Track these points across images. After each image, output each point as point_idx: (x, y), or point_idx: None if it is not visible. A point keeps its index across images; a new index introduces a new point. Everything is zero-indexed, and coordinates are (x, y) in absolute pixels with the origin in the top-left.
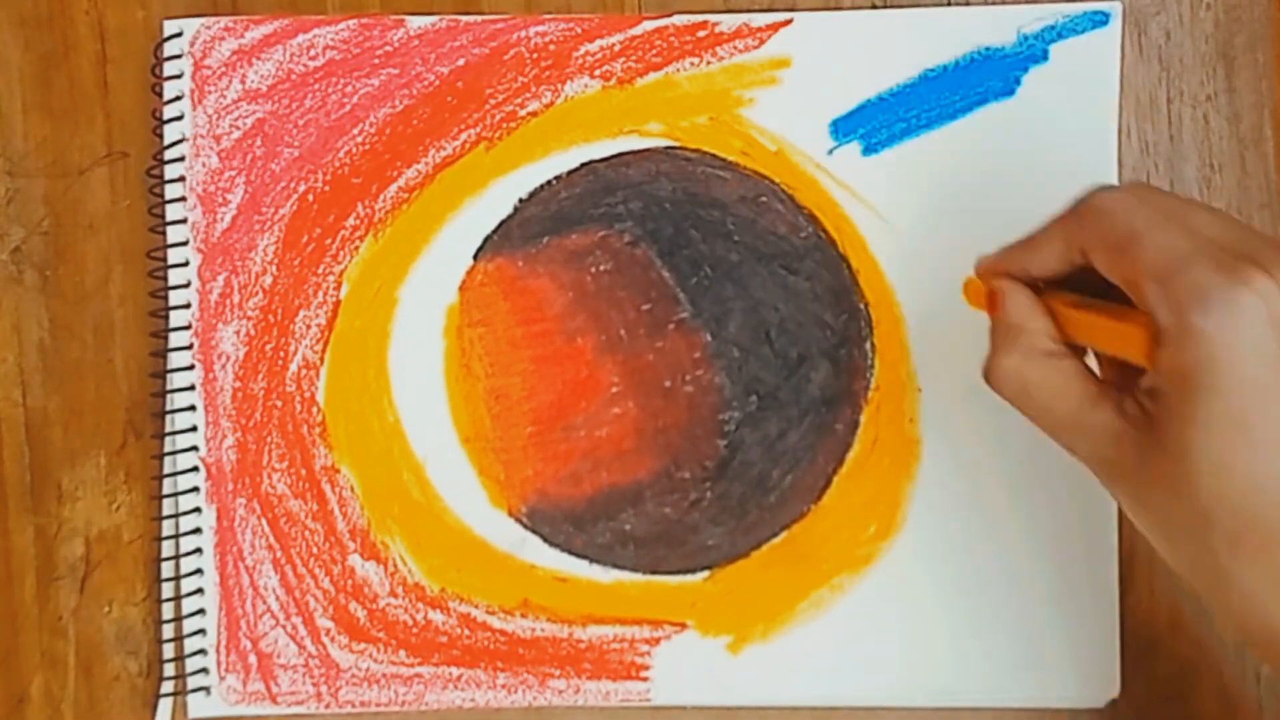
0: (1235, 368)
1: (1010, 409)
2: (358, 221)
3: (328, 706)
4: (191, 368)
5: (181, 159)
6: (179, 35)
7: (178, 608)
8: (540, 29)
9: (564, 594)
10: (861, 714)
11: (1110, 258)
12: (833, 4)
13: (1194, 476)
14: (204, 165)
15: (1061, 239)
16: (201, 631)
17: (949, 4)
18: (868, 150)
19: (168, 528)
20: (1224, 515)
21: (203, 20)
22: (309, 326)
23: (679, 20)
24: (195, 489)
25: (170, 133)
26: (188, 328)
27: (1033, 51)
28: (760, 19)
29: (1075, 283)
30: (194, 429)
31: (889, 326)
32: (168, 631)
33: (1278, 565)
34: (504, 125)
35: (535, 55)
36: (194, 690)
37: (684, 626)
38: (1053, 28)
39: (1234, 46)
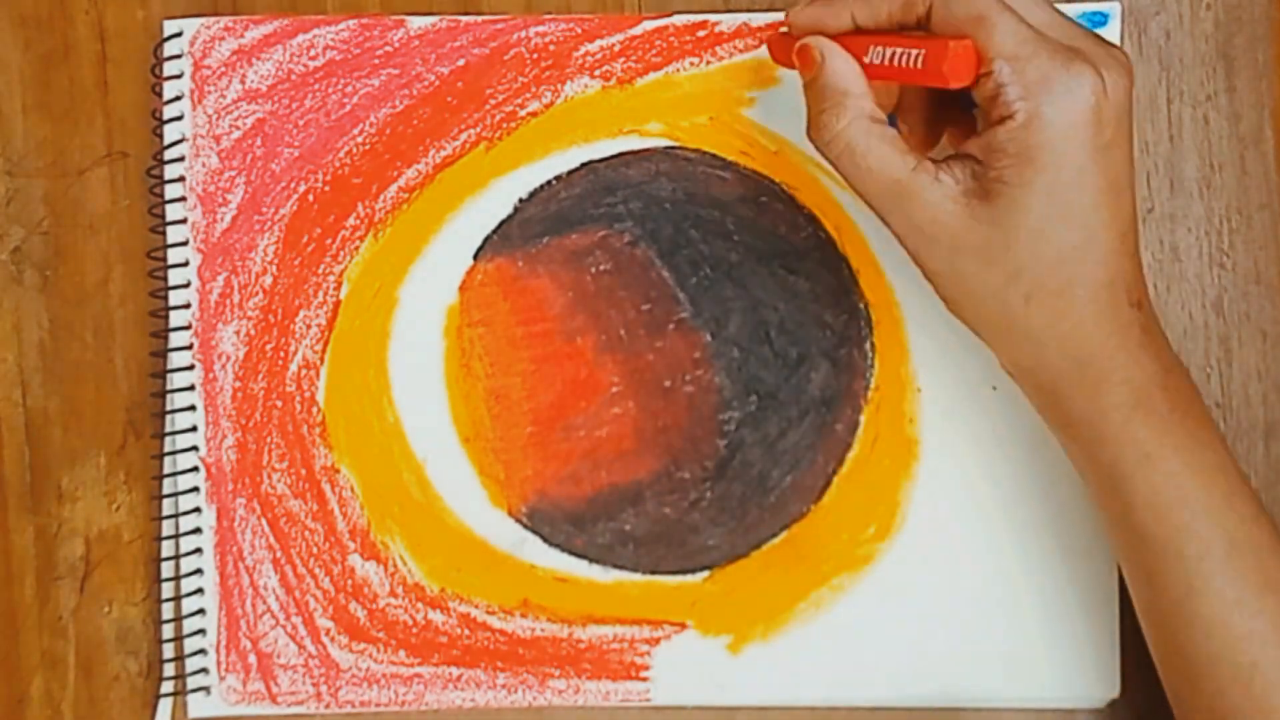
0: (1064, 149)
1: (1011, 410)
2: (358, 221)
3: (328, 706)
4: (191, 368)
5: (181, 159)
6: (179, 35)
7: (177, 608)
8: (540, 29)
9: (564, 594)
10: (861, 714)
11: (958, 27)
12: None
13: (1013, 242)
14: (204, 165)
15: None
16: (201, 631)
17: None
18: None
19: (168, 528)
20: (1029, 275)
21: (203, 20)
22: (309, 326)
23: (679, 20)
24: (195, 489)
25: (170, 133)
26: (188, 328)
27: None
28: (760, 19)
29: None
30: (194, 429)
31: (889, 326)
32: (168, 631)
33: (1059, 311)
34: (504, 125)
35: (535, 55)
36: (194, 690)
37: (684, 626)
38: None
39: (1234, 46)
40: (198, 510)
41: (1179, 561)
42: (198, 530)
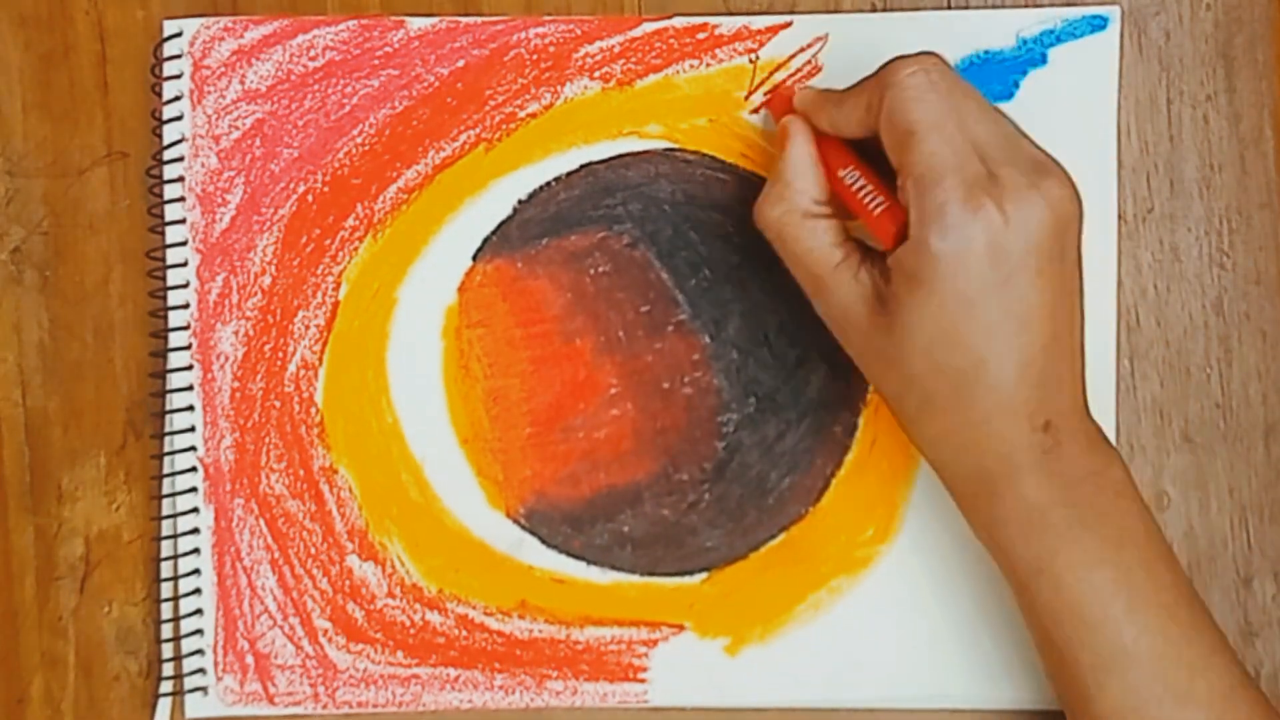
0: (952, 282)
1: None
2: (357, 222)
3: (325, 707)
4: (190, 368)
5: (181, 159)
6: (179, 35)
7: (176, 608)
8: (540, 30)
9: (562, 595)
10: (859, 716)
11: (891, 138)
12: (832, 6)
13: (904, 355)
14: (203, 165)
15: (864, 105)
16: (199, 632)
17: (948, 7)
18: None
19: (166, 528)
20: (919, 388)
21: (202, 20)
22: (308, 327)
23: (679, 22)
24: (193, 489)
25: (170, 133)
26: (186, 328)
27: (1032, 55)
28: (760, 21)
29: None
30: (192, 429)
31: None
32: (166, 631)
33: (950, 427)
34: (503, 126)
35: (535, 57)
36: (192, 690)
37: (682, 628)
38: (1052, 31)
39: (1234, 46)
40: (196, 510)
41: (1074, 668)
42: (196, 530)
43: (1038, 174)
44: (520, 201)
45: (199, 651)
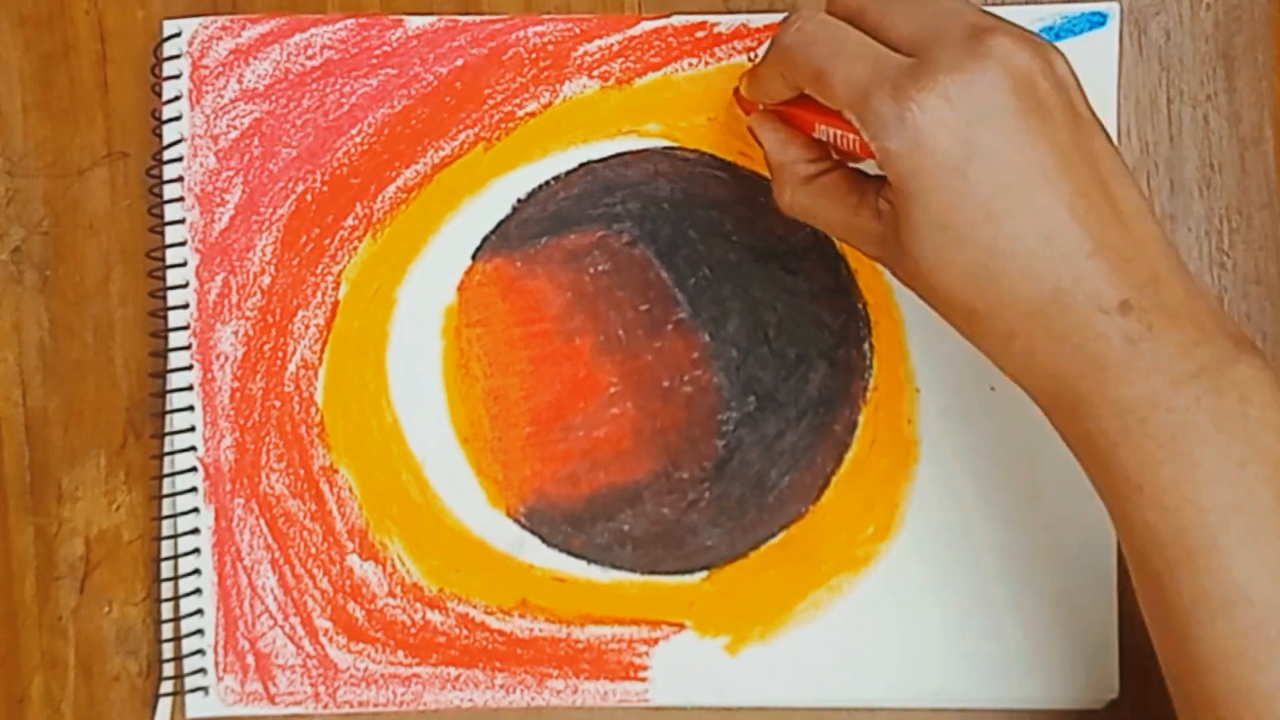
0: (926, 176)
1: (1009, 410)
2: (356, 222)
3: (325, 707)
4: (190, 368)
5: (180, 159)
6: (178, 35)
7: (176, 608)
8: (539, 29)
9: (562, 594)
10: (859, 715)
11: (812, 90)
12: None
13: (924, 270)
14: (202, 165)
15: (776, 73)
16: (200, 632)
17: None
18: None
19: (166, 528)
20: (954, 300)
21: (200, 20)
22: (307, 327)
23: (677, 21)
24: (194, 489)
25: (169, 133)
26: (186, 328)
27: None
28: (759, 20)
29: None
30: (192, 429)
31: (887, 327)
32: (167, 631)
33: (1002, 332)
34: (502, 125)
35: (534, 55)
36: (192, 690)
37: (682, 627)
38: (1050, 28)
39: (1234, 46)
40: (196, 510)
41: (1174, 602)
42: (196, 530)
43: (973, 40)
44: (519, 200)
45: (199, 651)
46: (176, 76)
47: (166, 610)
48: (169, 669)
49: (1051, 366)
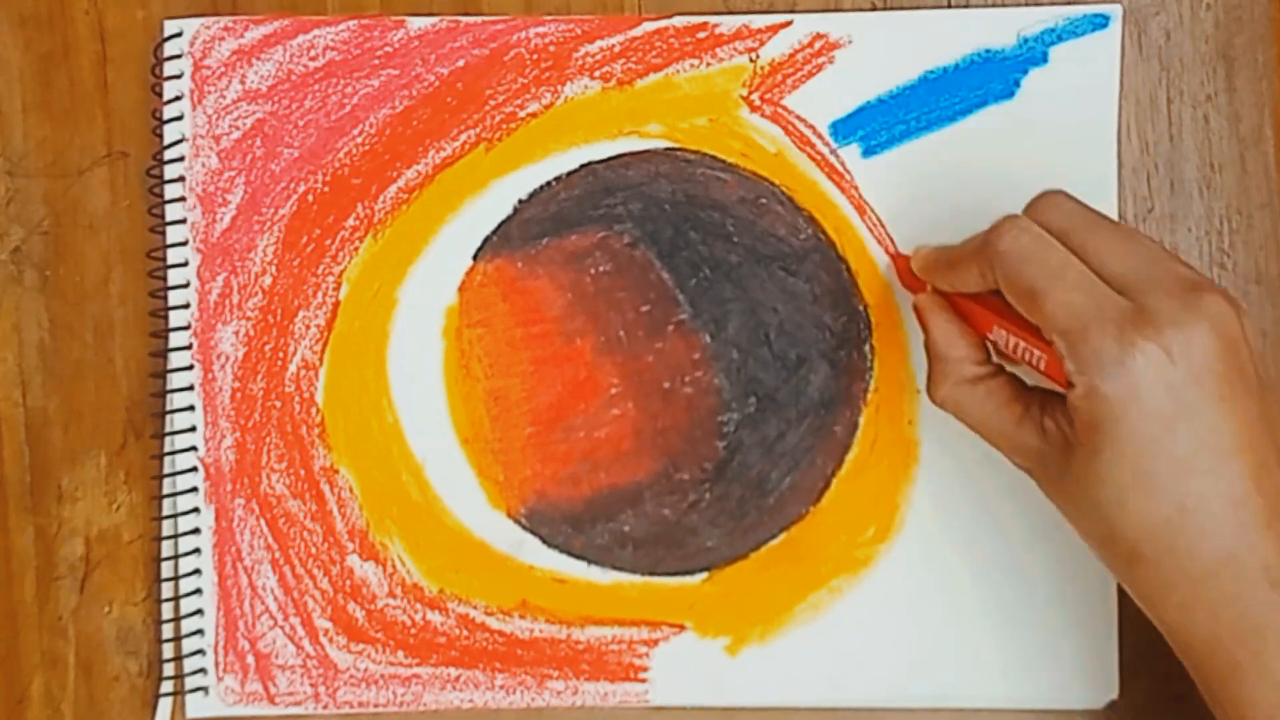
0: (1133, 424)
1: None
2: (357, 222)
3: (326, 707)
4: (191, 368)
5: (181, 159)
6: (179, 35)
7: (176, 608)
8: (540, 30)
9: (562, 595)
10: (860, 715)
11: (1017, 302)
12: (832, 6)
13: (1099, 506)
14: (203, 165)
15: (976, 270)
16: (200, 632)
17: (949, 6)
18: (868, 152)
19: (167, 528)
20: (1121, 541)
21: (202, 20)
22: (308, 327)
23: (679, 22)
24: (194, 489)
25: (170, 133)
26: (187, 328)
27: (1033, 54)
28: (760, 20)
29: None
30: (193, 429)
31: (888, 328)
32: (167, 631)
33: (1165, 583)
34: (504, 126)
35: (535, 56)
36: (192, 690)
37: (682, 628)
38: (1053, 30)
39: (1234, 46)
40: (197, 510)
41: None
42: (197, 530)
43: (1190, 294)
44: (520, 201)
45: (200, 651)
46: (177, 76)
47: (167, 610)
48: (169, 669)
49: (1210, 628)
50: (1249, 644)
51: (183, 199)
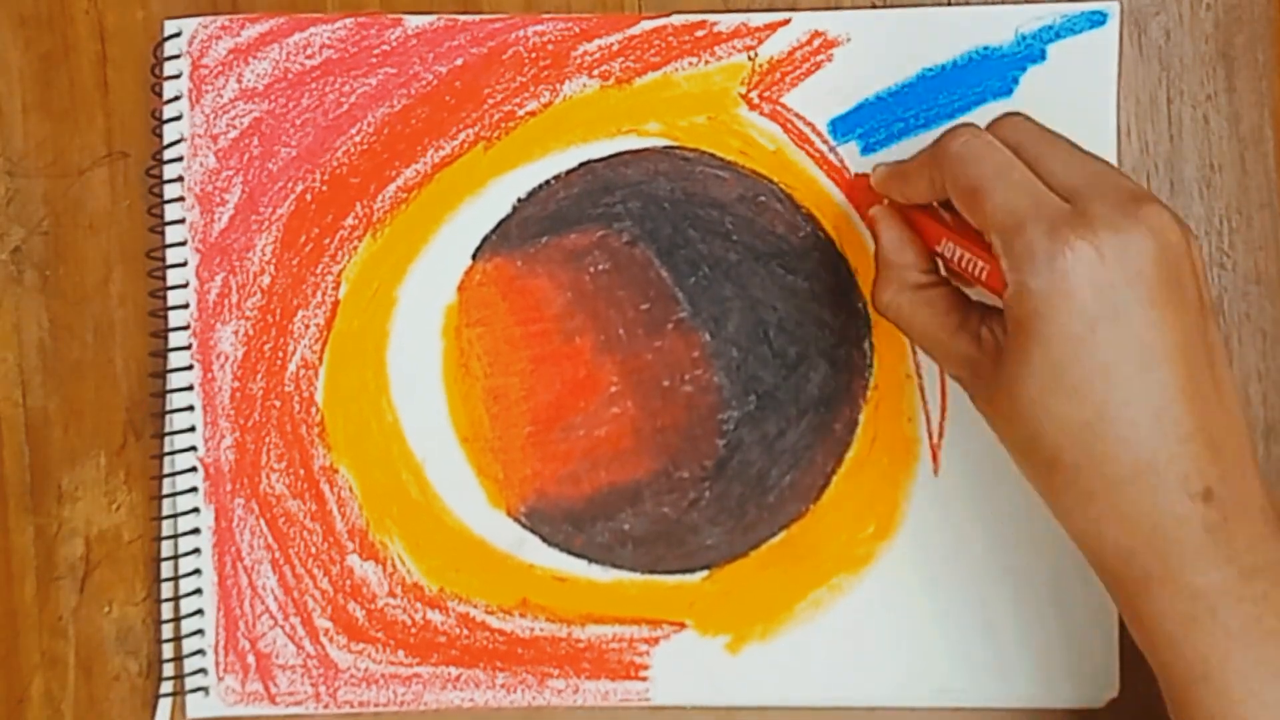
0: (1058, 322)
1: None
2: (356, 221)
3: (326, 707)
4: (190, 368)
5: (180, 159)
6: (178, 35)
7: (176, 608)
8: (539, 28)
9: (563, 594)
10: (860, 714)
11: (961, 203)
12: (832, 3)
13: (1022, 410)
14: (202, 165)
15: (926, 176)
16: (200, 632)
17: (947, 3)
18: (866, 150)
19: (167, 528)
20: (1042, 447)
21: (200, 19)
22: (307, 326)
23: (677, 20)
24: (194, 489)
25: (169, 132)
26: (186, 328)
27: (1031, 51)
28: (758, 18)
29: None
30: (193, 429)
31: (887, 325)
32: (167, 632)
33: (1084, 491)
34: (502, 125)
35: (534, 55)
36: (193, 690)
37: (683, 626)
38: (1051, 27)
39: (1234, 46)
40: (196, 510)
41: None
42: (196, 530)
43: (1132, 203)
44: (519, 200)
45: (200, 651)
46: (176, 76)
47: (166, 610)
48: (169, 669)
49: (1124, 540)
50: (1161, 554)
51: (182, 199)
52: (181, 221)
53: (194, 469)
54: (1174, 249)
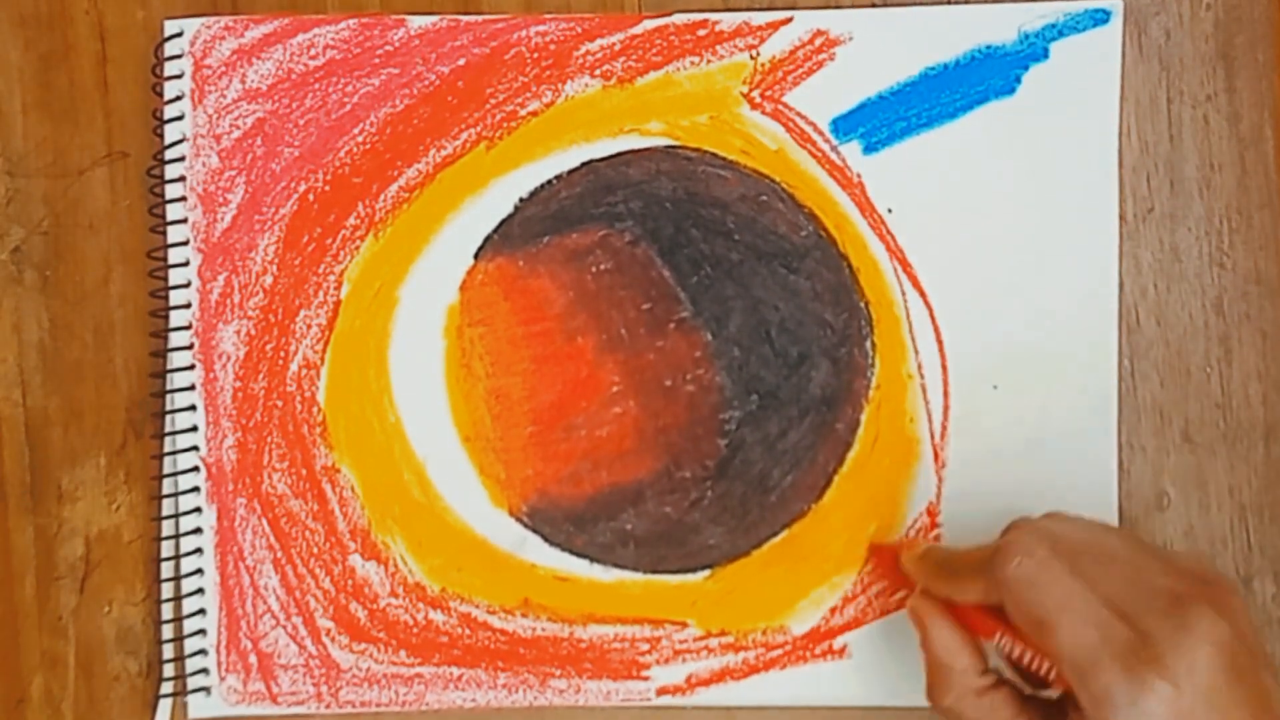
0: None
1: (1012, 408)
2: (358, 221)
3: (328, 707)
4: (192, 367)
5: (182, 159)
6: (179, 35)
7: (177, 608)
8: (541, 28)
9: (565, 593)
10: (860, 714)
11: (1025, 630)
12: (833, 2)
13: None
14: (204, 165)
15: (981, 589)
16: (202, 632)
17: (950, 2)
18: (868, 149)
19: (168, 528)
20: None
21: (203, 20)
22: (309, 326)
23: (679, 19)
24: (195, 489)
25: (170, 132)
26: (188, 328)
27: (1033, 50)
28: (760, 17)
29: None
30: (194, 429)
31: (889, 325)
32: (168, 632)
33: None
34: (504, 125)
35: (536, 55)
36: (194, 690)
37: (685, 626)
38: (1053, 26)
39: (1234, 46)
40: (198, 510)
41: None
42: (198, 530)
43: (1181, 611)
44: (521, 200)
45: (202, 651)
46: (178, 76)
47: (167, 610)
48: (170, 669)
49: None
50: None
51: (183, 199)
52: (183, 221)
53: (196, 469)
54: (1229, 646)
